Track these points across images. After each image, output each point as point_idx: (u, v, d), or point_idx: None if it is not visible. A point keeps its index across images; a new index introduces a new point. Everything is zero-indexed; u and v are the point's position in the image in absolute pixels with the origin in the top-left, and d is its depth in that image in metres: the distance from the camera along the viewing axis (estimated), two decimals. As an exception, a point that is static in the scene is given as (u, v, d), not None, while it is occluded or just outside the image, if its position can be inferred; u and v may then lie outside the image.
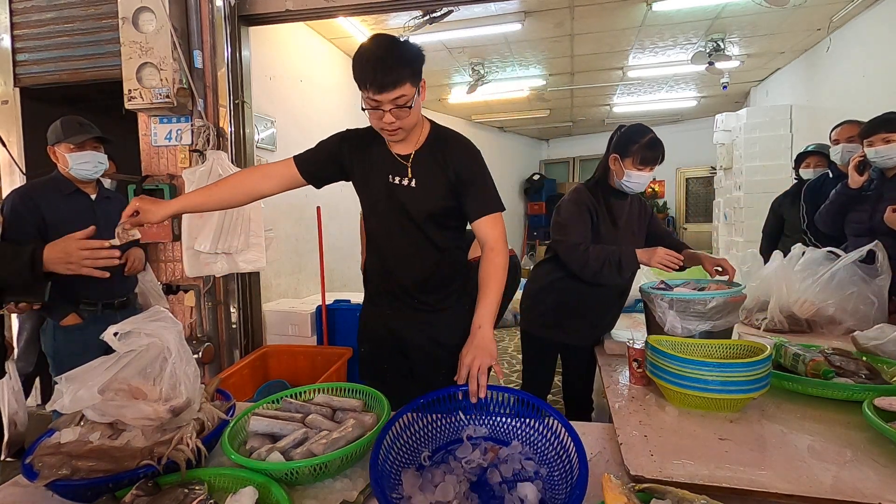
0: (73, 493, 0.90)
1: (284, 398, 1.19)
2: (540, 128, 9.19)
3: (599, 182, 1.84)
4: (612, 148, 1.78)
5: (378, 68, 1.18)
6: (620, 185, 1.76)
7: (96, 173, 2.09)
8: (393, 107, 1.22)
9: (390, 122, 1.24)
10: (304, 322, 3.26)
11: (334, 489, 0.95)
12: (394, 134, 1.29)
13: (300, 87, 4.16)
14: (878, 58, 3.85)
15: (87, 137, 2.02)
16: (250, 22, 3.01)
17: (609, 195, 1.81)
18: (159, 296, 2.49)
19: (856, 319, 1.83)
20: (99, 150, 2.09)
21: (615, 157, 1.75)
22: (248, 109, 2.99)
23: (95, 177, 2.11)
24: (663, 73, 5.79)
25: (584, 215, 1.76)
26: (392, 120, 1.24)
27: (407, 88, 1.21)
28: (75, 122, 2.04)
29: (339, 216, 4.86)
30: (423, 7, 3.40)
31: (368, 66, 1.19)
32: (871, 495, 0.84)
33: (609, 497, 0.76)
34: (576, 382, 2.05)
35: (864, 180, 2.15)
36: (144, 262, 2.35)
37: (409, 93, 1.22)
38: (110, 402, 0.95)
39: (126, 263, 2.17)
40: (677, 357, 1.21)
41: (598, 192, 1.82)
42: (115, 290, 2.14)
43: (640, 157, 1.70)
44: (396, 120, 1.25)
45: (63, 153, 2.02)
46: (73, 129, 2.02)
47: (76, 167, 2.03)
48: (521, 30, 4.32)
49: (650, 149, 1.70)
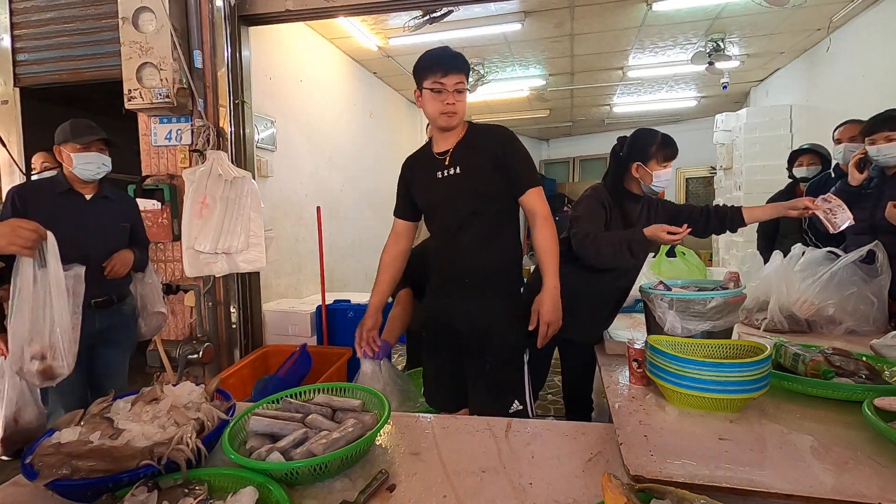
0: (73, 493, 0.90)
1: (284, 398, 1.19)
2: (540, 128, 9.19)
3: (615, 186, 1.87)
4: (627, 158, 1.81)
5: (447, 56, 1.53)
6: (650, 188, 1.82)
7: (99, 174, 2.10)
8: (454, 90, 1.51)
9: (450, 104, 1.51)
10: (304, 322, 3.26)
11: (334, 489, 0.95)
12: (451, 116, 1.53)
13: (300, 87, 4.16)
14: (878, 58, 3.85)
15: (94, 138, 2.04)
16: (250, 22, 3.01)
17: (623, 199, 1.85)
18: (157, 298, 2.43)
19: (856, 319, 1.83)
20: (104, 152, 2.10)
21: (638, 165, 1.79)
22: (248, 109, 3.00)
23: (98, 178, 2.12)
24: (663, 73, 5.78)
25: (598, 211, 1.80)
26: (452, 102, 1.51)
27: (464, 78, 1.53)
28: (84, 124, 2.07)
29: (339, 216, 4.86)
30: (423, 7, 3.40)
31: (437, 55, 1.53)
32: (871, 495, 0.84)
33: (609, 497, 0.76)
34: (576, 382, 2.05)
35: (865, 178, 2.15)
36: (144, 264, 2.31)
37: (465, 82, 1.54)
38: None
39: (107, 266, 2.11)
40: (677, 357, 1.21)
41: (614, 195, 1.85)
42: (95, 290, 2.08)
43: (662, 156, 1.77)
44: (455, 103, 1.51)
45: (69, 153, 2.03)
46: (81, 129, 2.05)
47: (80, 167, 2.04)
48: (521, 30, 4.32)
49: (668, 146, 1.79)
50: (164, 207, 2.83)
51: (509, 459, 1.05)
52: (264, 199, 2.88)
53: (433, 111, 1.54)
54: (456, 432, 1.18)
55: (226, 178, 2.65)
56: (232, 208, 2.66)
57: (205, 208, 2.63)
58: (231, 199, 2.67)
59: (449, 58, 1.52)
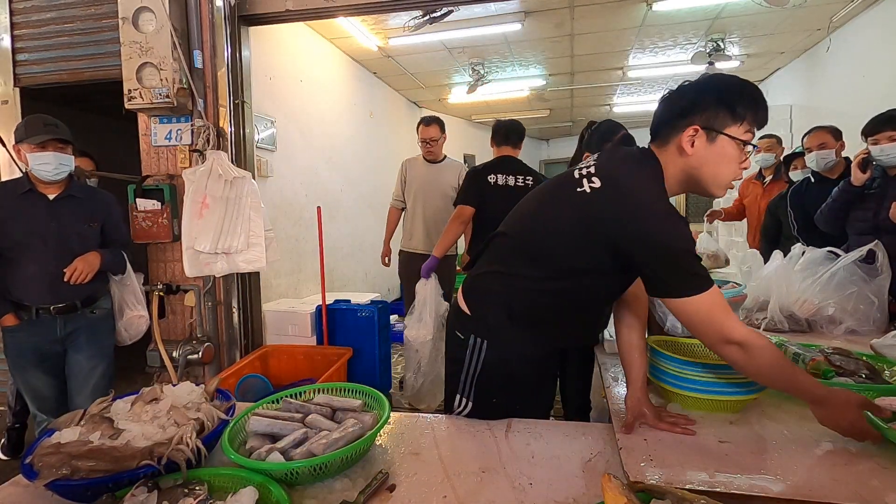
0: (73, 493, 0.90)
1: (284, 398, 1.19)
2: (540, 128, 9.19)
3: None
4: (586, 147, 1.80)
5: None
6: None
7: (58, 174, 2.00)
8: None
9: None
10: (304, 322, 3.26)
11: (334, 489, 0.95)
12: None
13: (300, 87, 4.16)
14: (878, 58, 3.85)
15: (47, 138, 1.95)
16: (250, 22, 3.01)
17: None
18: (137, 301, 2.33)
19: (856, 319, 1.83)
20: (64, 150, 2.01)
21: (588, 156, 1.77)
22: (248, 109, 2.99)
23: (58, 178, 2.01)
24: (663, 73, 5.78)
25: None
26: None
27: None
28: (40, 122, 1.98)
29: (339, 216, 4.86)
30: (423, 7, 3.40)
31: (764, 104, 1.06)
32: (871, 497, 0.84)
33: (609, 497, 0.76)
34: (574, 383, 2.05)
35: (868, 178, 2.15)
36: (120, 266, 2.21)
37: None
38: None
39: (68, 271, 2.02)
40: (677, 359, 1.21)
41: None
42: (55, 295, 2.03)
43: None
44: None
45: (25, 152, 1.96)
46: (36, 128, 1.96)
47: (36, 167, 1.96)
48: (521, 30, 4.32)
49: (625, 145, 1.75)
50: (164, 207, 2.82)
51: (509, 459, 1.05)
52: (264, 199, 2.87)
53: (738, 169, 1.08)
54: (456, 432, 1.18)
55: (226, 178, 2.65)
56: (232, 208, 2.66)
57: (205, 208, 2.63)
58: (231, 199, 2.66)
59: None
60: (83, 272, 2.02)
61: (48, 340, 2.08)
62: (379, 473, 0.97)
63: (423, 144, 3.42)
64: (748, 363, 1.00)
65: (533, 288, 1.16)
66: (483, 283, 1.26)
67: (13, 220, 1.99)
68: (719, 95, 1.03)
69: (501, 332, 1.21)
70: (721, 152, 1.03)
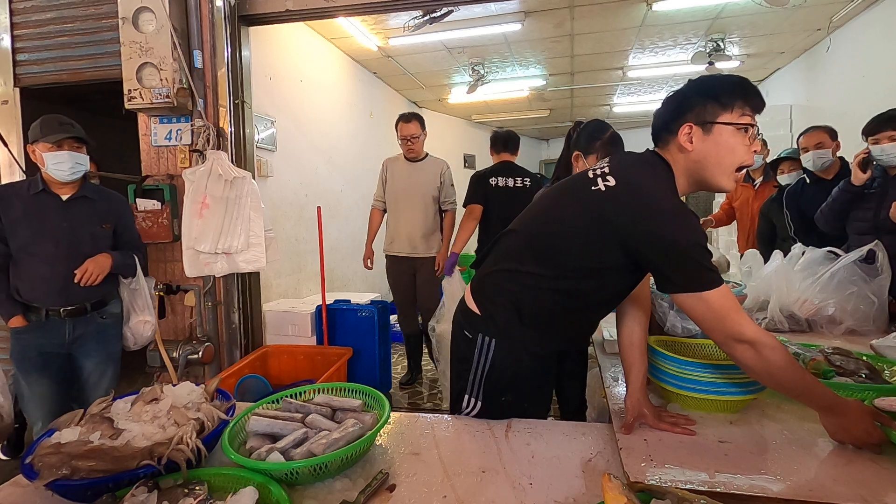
0: (73, 493, 0.90)
1: (284, 398, 1.19)
2: (540, 128, 9.18)
3: (559, 175, 1.88)
4: (574, 146, 1.80)
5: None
6: None
7: (74, 174, 1.98)
8: None
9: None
10: (304, 322, 3.26)
11: (334, 489, 0.95)
12: None
13: (300, 87, 4.16)
14: (878, 58, 3.85)
15: (64, 136, 1.93)
16: (250, 22, 3.01)
17: None
18: (145, 305, 2.29)
19: (856, 319, 1.83)
20: (80, 150, 1.99)
21: (578, 155, 1.78)
22: (248, 109, 2.99)
23: (73, 178, 1.99)
24: (663, 73, 5.78)
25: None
26: None
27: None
28: (55, 121, 1.96)
29: (339, 216, 4.86)
30: (423, 7, 3.40)
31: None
32: (871, 497, 0.84)
33: (609, 497, 0.76)
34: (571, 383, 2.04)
35: (868, 178, 2.15)
36: (131, 269, 2.18)
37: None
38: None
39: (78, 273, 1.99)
40: (677, 359, 1.21)
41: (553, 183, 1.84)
42: (65, 297, 2.01)
43: (604, 152, 1.73)
44: None
45: (41, 152, 1.94)
46: (52, 127, 1.94)
47: (52, 167, 1.94)
48: (521, 30, 4.32)
49: (613, 144, 1.74)
50: (164, 207, 2.83)
51: (509, 459, 1.05)
52: (264, 199, 2.88)
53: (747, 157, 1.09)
54: (456, 432, 1.18)
55: (226, 178, 2.65)
56: (232, 208, 2.66)
57: (205, 208, 2.63)
58: (231, 199, 2.66)
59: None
60: (94, 274, 1.99)
61: (55, 344, 2.05)
62: (379, 473, 0.97)
63: (404, 142, 3.34)
64: (758, 363, 0.98)
65: (543, 286, 1.16)
66: (492, 282, 1.26)
67: (25, 221, 1.96)
68: (703, 91, 1.06)
69: (511, 330, 1.21)
70: (719, 141, 1.04)
